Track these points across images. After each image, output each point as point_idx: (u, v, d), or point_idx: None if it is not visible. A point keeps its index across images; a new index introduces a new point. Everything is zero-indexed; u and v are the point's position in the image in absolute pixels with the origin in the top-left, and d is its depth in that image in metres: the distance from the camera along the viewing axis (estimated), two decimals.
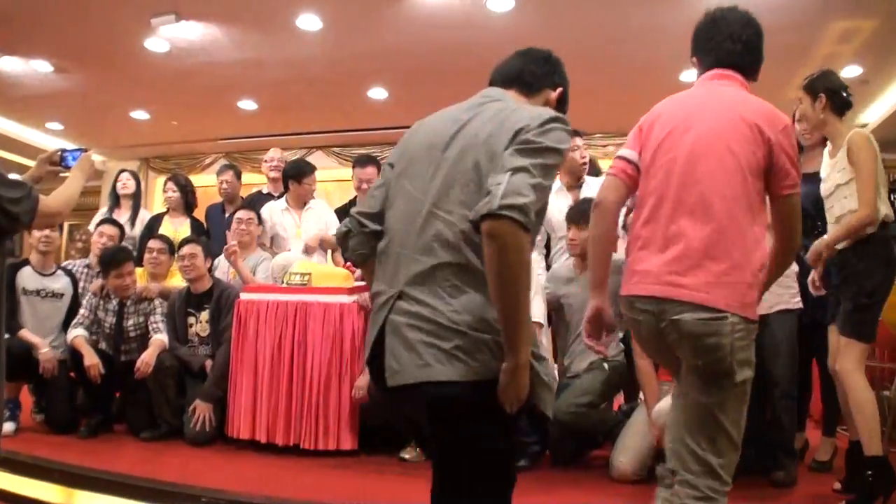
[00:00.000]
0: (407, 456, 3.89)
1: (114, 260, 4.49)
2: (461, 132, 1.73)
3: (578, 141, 4.43)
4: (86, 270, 5.00)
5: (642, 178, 2.13)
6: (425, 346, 1.61)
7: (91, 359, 4.24)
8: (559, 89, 1.95)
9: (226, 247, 4.66)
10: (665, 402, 3.16)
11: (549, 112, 1.69)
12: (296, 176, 5.11)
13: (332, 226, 5.10)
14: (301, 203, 5.14)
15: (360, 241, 1.87)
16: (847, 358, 3.02)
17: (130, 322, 4.54)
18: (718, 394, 1.93)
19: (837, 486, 3.24)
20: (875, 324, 3.09)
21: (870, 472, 2.95)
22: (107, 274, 4.49)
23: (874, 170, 2.97)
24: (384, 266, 1.78)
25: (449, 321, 1.61)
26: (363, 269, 2.00)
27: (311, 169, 5.21)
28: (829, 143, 3.28)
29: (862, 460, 2.99)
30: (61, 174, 2.74)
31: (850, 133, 3.06)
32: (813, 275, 3.21)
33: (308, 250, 4.94)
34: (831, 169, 3.17)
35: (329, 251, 5.21)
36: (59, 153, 2.74)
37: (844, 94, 3.15)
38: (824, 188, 3.23)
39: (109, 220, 5.25)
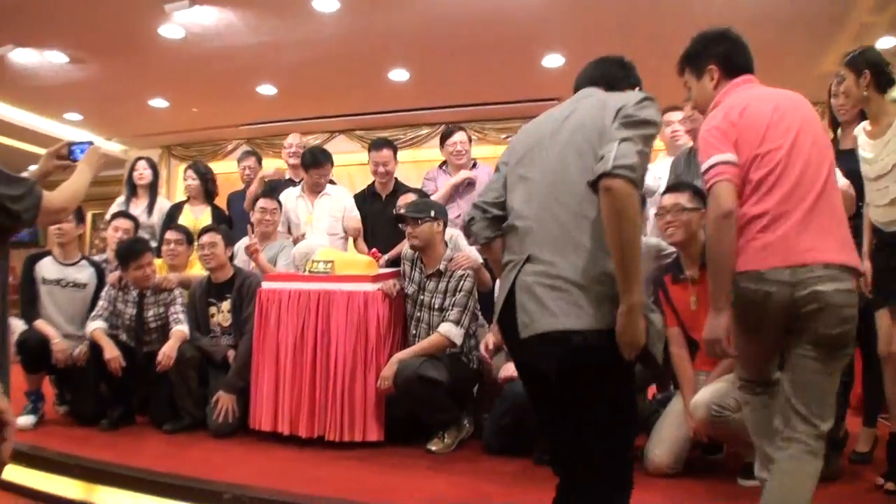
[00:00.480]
0: (434, 448, 3.79)
1: (131, 252, 4.42)
2: (567, 121, 2.04)
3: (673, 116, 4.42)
4: (105, 266, 4.95)
5: (748, 168, 2.22)
6: (553, 299, 1.88)
7: (111, 351, 4.18)
8: (637, 88, 2.22)
9: (246, 245, 4.58)
10: (703, 394, 3.04)
11: (643, 93, 1.98)
12: (307, 165, 5.03)
13: (349, 211, 5.01)
14: (315, 190, 5.03)
15: (483, 225, 2.19)
16: None
17: (150, 313, 4.47)
18: (835, 362, 2.15)
19: (881, 481, 3.08)
20: None
21: None
22: (126, 267, 4.41)
23: None
24: (511, 241, 2.09)
25: (573, 276, 1.88)
26: (488, 252, 2.27)
27: (323, 159, 5.08)
28: (867, 119, 3.16)
29: None
30: (68, 168, 2.68)
31: None
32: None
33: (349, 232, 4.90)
34: (882, 148, 3.03)
35: (350, 238, 5.10)
36: (67, 146, 2.69)
37: (888, 71, 3.04)
38: (875, 168, 3.07)
39: (122, 214, 5.18)
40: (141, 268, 4.39)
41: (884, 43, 6.02)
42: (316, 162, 5.03)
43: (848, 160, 3.19)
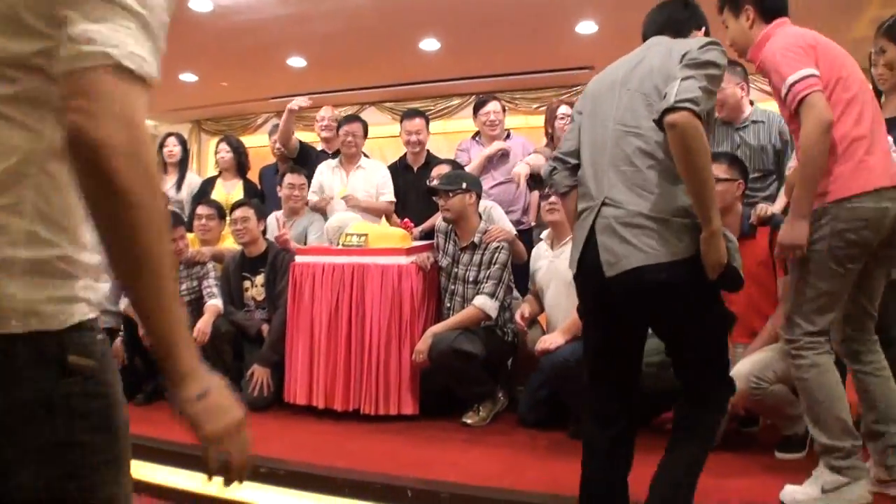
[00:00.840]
0: (469, 421, 3.78)
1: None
2: (636, 69, 2.14)
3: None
4: None
5: (833, 88, 2.34)
6: (636, 237, 2.00)
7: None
8: (703, 28, 2.29)
9: (276, 236, 4.52)
10: (742, 365, 2.97)
11: (707, 38, 2.13)
12: (339, 125, 5.03)
13: (382, 187, 4.91)
14: (348, 153, 4.97)
15: (564, 175, 2.30)
16: None
17: (184, 286, 4.48)
18: None
19: None
20: None
21: None
22: None
23: None
24: (585, 187, 2.20)
25: (653, 213, 2.00)
26: (566, 201, 2.37)
27: (353, 119, 5.06)
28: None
29: None
30: None
31: None
32: None
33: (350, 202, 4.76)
34: None
35: (382, 217, 5.00)
36: None
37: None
38: None
39: None
40: (173, 241, 4.39)
41: None
42: (347, 119, 5.04)
43: (893, 128, 3.08)
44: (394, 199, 4.90)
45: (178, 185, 5.51)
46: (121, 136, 0.88)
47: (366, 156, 5.17)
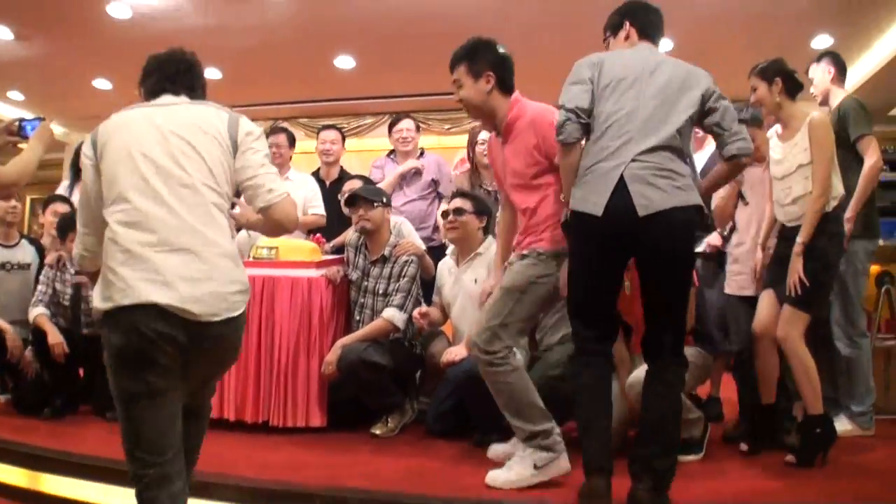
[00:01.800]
0: (378, 432, 3.85)
1: (71, 223, 4.37)
2: (660, 67, 2.66)
3: None
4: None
5: None
6: (666, 186, 2.51)
7: (55, 337, 4.13)
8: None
9: None
10: (638, 373, 3.13)
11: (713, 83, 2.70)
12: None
13: (311, 200, 4.91)
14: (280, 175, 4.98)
15: (575, 128, 2.63)
16: (795, 328, 3.22)
17: (59, 286, 4.42)
18: None
19: (745, 446, 3.45)
20: (827, 297, 3.51)
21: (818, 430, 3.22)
22: (64, 238, 4.34)
23: (833, 153, 3.26)
24: (605, 144, 2.60)
25: (678, 169, 2.56)
26: (570, 152, 2.69)
27: (276, 130, 5.15)
28: (779, 125, 3.47)
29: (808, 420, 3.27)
30: (20, 145, 2.68)
31: (810, 116, 3.28)
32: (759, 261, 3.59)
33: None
34: (790, 150, 3.33)
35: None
36: (18, 123, 2.67)
37: (796, 78, 3.38)
38: (781, 168, 3.39)
39: (60, 198, 5.08)
40: (66, 243, 4.35)
41: (819, 42, 6.25)
42: (273, 131, 5.11)
43: None
44: (324, 213, 4.89)
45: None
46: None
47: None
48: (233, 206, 2.22)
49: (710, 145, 4.10)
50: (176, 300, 1.87)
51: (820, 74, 3.99)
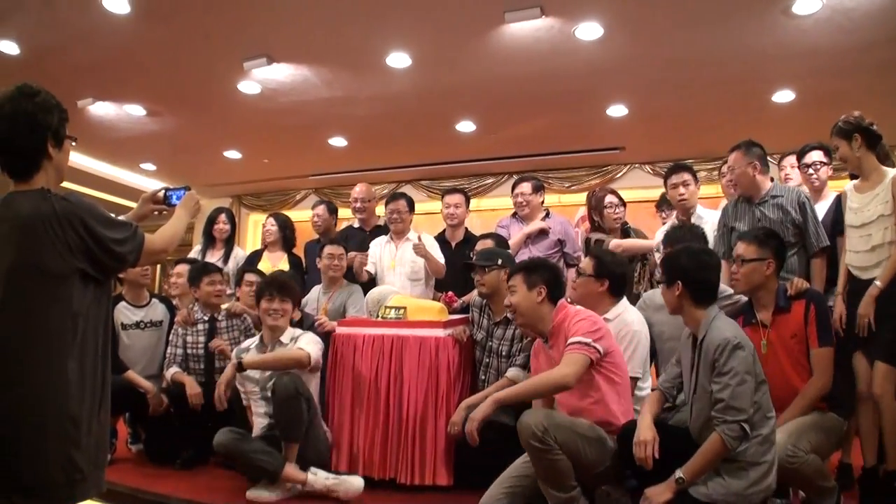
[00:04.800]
0: None
1: (205, 269, 4.66)
2: None
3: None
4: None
5: None
6: None
7: (193, 388, 4.37)
8: None
9: (316, 324, 4.49)
10: (777, 435, 3.01)
11: None
12: (387, 202, 5.33)
13: (431, 251, 5.03)
14: (399, 235, 5.20)
15: None
16: (891, 383, 3.23)
17: (225, 338, 4.64)
18: None
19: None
20: None
21: None
22: (198, 282, 4.62)
23: None
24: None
25: None
26: None
27: (398, 197, 5.32)
28: (860, 176, 3.63)
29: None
30: (164, 213, 2.78)
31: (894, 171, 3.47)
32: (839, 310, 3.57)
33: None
34: (871, 199, 3.50)
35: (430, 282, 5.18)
36: (164, 192, 2.76)
37: (875, 129, 3.52)
38: (861, 216, 3.55)
39: (187, 260, 5.41)
40: (213, 284, 4.62)
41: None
42: (393, 198, 5.29)
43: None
44: (443, 262, 5.06)
45: (226, 258, 5.75)
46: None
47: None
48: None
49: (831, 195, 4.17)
50: None
51: None
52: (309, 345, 3.95)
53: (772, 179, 4.06)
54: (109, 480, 3.87)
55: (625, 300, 3.74)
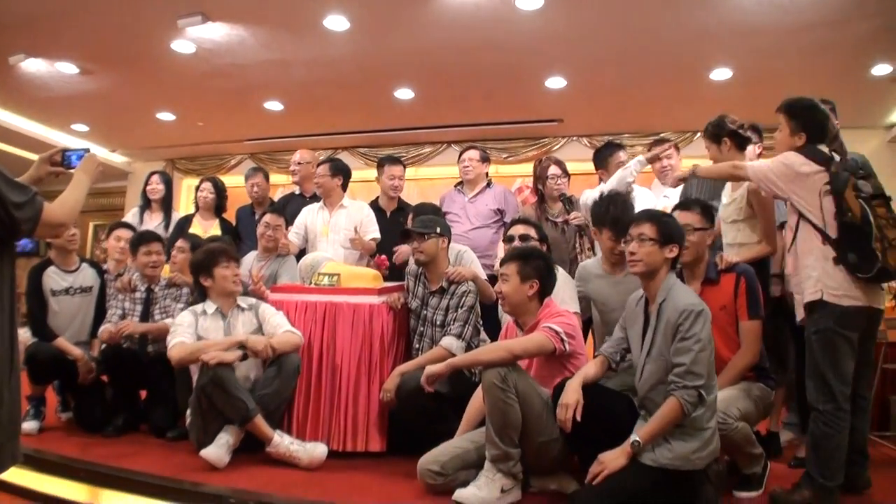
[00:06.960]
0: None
1: (143, 238, 4.59)
2: None
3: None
4: (106, 275, 4.99)
5: None
6: None
7: (75, 353, 4.44)
8: None
9: (251, 288, 4.40)
10: None
11: None
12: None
13: (367, 225, 5.05)
14: (334, 203, 5.12)
15: None
16: None
17: (157, 307, 4.57)
18: None
19: None
20: None
21: None
22: (135, 251, 4.56)
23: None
24: None
25: None
26: None
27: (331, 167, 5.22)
28: None
29: None
30: (60, 176, 2.60)
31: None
32: None
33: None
34: (731, 202, 3.81)
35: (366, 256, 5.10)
36: (61, 153, 2.58)
37: (743, 133, 3.72)
38: (726, 213, 3.86)
39: (123, 224, 5.29)
40: (149, 254, 4.54)
41: (879, 70, 6.13)
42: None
43: None
44: (378, 237, 5.03)
45: (167, 225, 5.64)
46: None
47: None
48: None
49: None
50: None
51: None
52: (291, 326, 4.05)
53: None
54: (39, 449, 3.85)
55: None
